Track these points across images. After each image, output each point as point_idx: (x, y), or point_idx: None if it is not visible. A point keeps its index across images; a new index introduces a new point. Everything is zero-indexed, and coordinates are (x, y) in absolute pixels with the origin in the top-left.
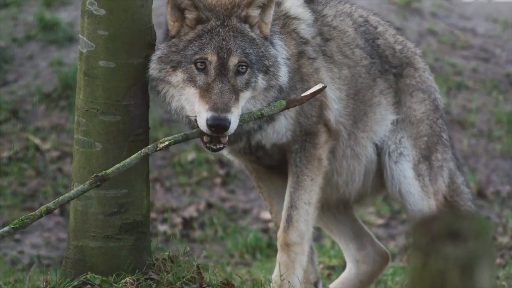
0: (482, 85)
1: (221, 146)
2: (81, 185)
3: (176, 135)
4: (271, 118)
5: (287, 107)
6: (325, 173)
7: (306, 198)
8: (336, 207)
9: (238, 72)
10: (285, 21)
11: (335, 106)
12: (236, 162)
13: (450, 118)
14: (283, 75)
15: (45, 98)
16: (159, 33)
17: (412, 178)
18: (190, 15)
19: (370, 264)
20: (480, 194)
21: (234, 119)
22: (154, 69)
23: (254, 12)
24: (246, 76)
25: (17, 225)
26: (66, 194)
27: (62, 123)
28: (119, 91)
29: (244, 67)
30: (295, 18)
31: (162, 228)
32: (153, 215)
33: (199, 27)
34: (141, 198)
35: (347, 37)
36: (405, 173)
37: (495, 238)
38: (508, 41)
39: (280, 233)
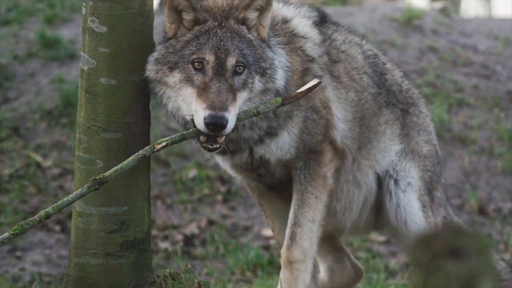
0: (483, 102)
1: (218, 146)
2: (80, 189)
3: (173, 136)
4: (273, 133)
5: (282, 104)
6: (330, 191)
7: (310, 216)
8: (329, 237)
9: (235, 73)
10: (291, 38)
11: (341, 126)
12: (238, 178)
13: (451, 135)
14: (279, 78)
15: (46, 115)
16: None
17: (418, 209)
18: (187, 16)
19: (345, 276)
20: (482, 211)
21: (231, 118)
22: (150, 70)
23: (252, 15)
24: (243, 76)
25: (17, 231)
26: (65, 198)
27: (63, 140)
28: (120, 108)
29: (241, 67)
30: (302, 36)
31: (163, 245)
32: (154, 232)
33: (197, 28)
34: (142, 215)
35: (355, 62)
36: (412, 203)
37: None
38: (509, 58)
39: (283, 250)
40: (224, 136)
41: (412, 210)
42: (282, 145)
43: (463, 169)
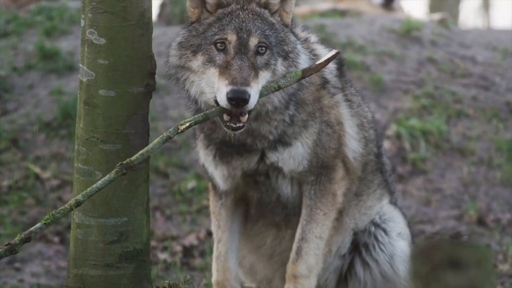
0: (482, 113)
1: (241, 125)
2: (108, 175)
3: (196, 116)
4: (287, 143)
5: (303, 77)
6: (339, 210)
7: (317, 232)
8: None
9: (257, 53)
10: (311, 55)
11: (354, 144)
12: (222, 184)
13: (450, 146)
14: (303, 62)
15: (45, 127)
16: (160, 62)
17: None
18: (210, 0)
19: None
20: (481, 222)
21: (253, 93)
22: (174, 56)
23: (274, 0)
24: (265, 56)
25: (49, 220)
26: (94, 185)
27: (62, 152)
28: (119, 120)
29: (263, 48)
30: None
31: (162, 256)
32: (153, 243)
33: (219, 11)
34: (141, 226)
35: (365, 113)
36: (404, 250)
37: (496, 266)
38: (508, 69)
39: (288, 264)
40: (247, 115)
41: (406, 258)
42: (296, 156)
43: (462, 180)
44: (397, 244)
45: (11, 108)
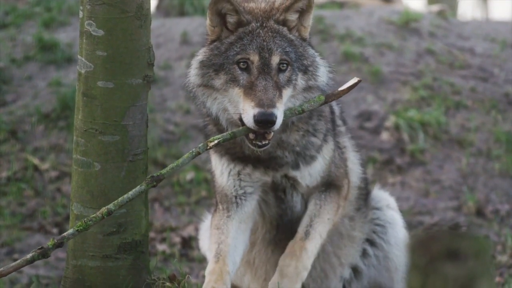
0: (481, 104)
1: (267, 142)
2: (138, 186)
3: (225, 134)
4: (311, 158)
5: (326, 102)
6: (337, 222)
7: (321, 228)
8: None
9: (279, 70)
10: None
11: (356, 169)
12: (225, 186)
13: (448, 138)
14: (321, 75)
15: (44, 118)
16: (158, 54)
17: None
18: (231, 19)
19: None
20: (479, 213)
21: (279, 114)
22: (196, 75)
23: (292, 17)
24: (287, 73)
25: (81, 228)
26: (125, 195)
27: (60, 143)
28: (117, 112)
29: (285, 65)
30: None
31: (161, 247)
32: (152, 234)
33: (240, 29)
34: (140, 217)
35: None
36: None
37: (494, 257)
38: (507, 61)
39: (292, 242)
40: (272, 133)
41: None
42: (313, 173)
43: (460, 171)
44: (387, 212)
45: (10, 99)
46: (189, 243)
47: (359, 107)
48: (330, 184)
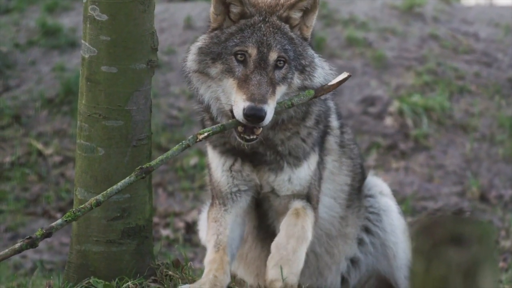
0: (485, 89)
1: (255, 137)
2: (127, 177)
3: (214, 126)
4: (296, 162)
5: (315, 96)
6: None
7: (299, 228)
8: None
9: (276, 67)
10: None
11: (325, 199)
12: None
13: (452, 123)
14: (318, 76)
15: (48, 103)
16: (161, 38)
17: None
18: (235, 9)
19: None
20: (483, 198)
21: (270, 110)
22: (193, 60)
23: (295, 15)
24: (283, 71)
25: (70, 218)
26: (114, 186)
27: (64, 128)
28: (121, 96)
29: (282, 62)
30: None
31: (165, 232)
32: (155, 219)
33: (242, 21)
34: (143, 202)
35: (355, 156)
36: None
37: (498, 242)
38: (510, 46)
39: (296, 202)
40: (261, 128)
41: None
42: (296, 176)
43: (464, 156)
44: (382, 200)
45: (13, 84)
46: (192, 228)
47: (362, 92)
48: (306, 199)
